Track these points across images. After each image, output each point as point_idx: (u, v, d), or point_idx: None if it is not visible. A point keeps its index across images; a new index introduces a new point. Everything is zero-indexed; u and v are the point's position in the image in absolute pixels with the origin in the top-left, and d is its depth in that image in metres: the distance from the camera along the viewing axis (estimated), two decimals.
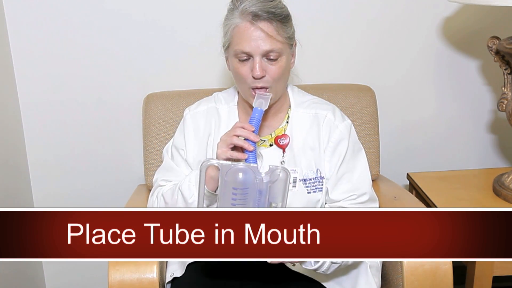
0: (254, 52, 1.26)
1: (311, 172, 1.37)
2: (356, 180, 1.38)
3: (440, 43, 1.92)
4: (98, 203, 1.97)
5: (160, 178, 1.43)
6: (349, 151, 1.38)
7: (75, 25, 1.79)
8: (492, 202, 1.69)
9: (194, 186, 1.29)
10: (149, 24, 1.81)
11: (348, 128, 1.40)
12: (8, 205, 1.78)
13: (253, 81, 1.28)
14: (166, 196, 1.36)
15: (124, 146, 1.93)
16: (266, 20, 1.25)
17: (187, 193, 1.29)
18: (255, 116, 1.23)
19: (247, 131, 1.20)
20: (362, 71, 1.91)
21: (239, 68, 1.29)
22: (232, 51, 1.30)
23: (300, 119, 1.40)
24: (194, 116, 1.44)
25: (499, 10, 1.87)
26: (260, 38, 1.25)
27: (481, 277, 1.54)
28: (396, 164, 2.00)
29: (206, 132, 1.41)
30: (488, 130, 2.04)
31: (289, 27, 1.30)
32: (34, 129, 1.88)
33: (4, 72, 1.77)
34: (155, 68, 1.85)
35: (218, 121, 1.41)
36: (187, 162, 1.41)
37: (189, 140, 1.41)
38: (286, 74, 1.34)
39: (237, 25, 1.27)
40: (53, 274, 2.05)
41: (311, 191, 1.37)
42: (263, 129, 1.38)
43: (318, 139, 1.38)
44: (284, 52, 1.29)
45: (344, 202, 1.37)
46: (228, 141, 1.21)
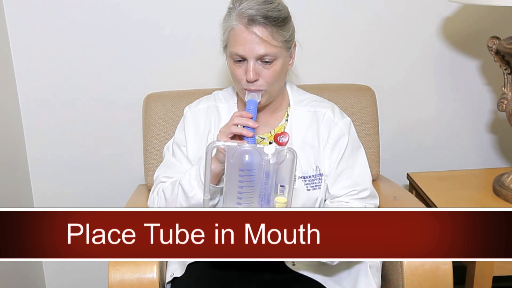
0: (248, 56, 1.27)
1: (311, 169, 1.37)
2: (356, 177, 1.39)
3: (440, 43, 1.92)
4: (98, 203, 1.97)
5: (162, 174, 1.43)
6: (348, 148, 1.39)
7: (75, 25, 1.79)
8: (492, 202, 1.69)
9: (195, 180, 1.29)
10: (149, 24, 1.81)
11: (348, 125, 1.40)
12: (8, 205, 1.78)
13: (247, 84, 1.29)
14: (166, 192, 1.37)
15: (124, 146, 1.93)
16: (261, 24, 1.25)
17: (188, 187, 1.30)
18: (250, 107, 1.26)
19: (245, 118, 1.22)
20: (362, 71, 1.91)
21: (234, 69, 1.31)
22: (228, 52, 1.31)
23: (300, 117, 1.40)
24: (194, 114, 1.45)
25: (499, 10, 1.87)
26: (254, 42, 1.25)
27: (481, 277, 1.54)
28: (396, 164, 2.00)
29: (206, 129, 1.42)
30: (488, 130, 2.03)
31: (286, 31, 1.30)
32: (34, 129, 1.88)
33: (4, 72, 1.77)
34: (155, 68, 1.85)
35: (218, 118, 1.42)
36: (188, 159, 1.41)
37: (189, 137, 1.42)
38: (282, 76, 1.34)
39: (233, 28, 1.28)
40: (53, 274, 2.05)
41: (311, 188, 1.37)
42: (262, 127, 1.39)
43: (317, 137, 1.38)
44: (280, 56, 1.29)
45: (345, 198, 1.38)
46: (227, 130, 1.22)
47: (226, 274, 1.35)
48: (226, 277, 1.35)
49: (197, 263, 1.39)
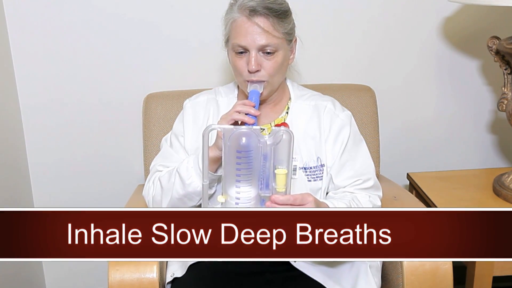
0: (250, 46, 1.28)
1: (312, 161, 1.38)
2: (359, 167, 1.39)
3: (440, 43, 1.92)
4: (98, 203, 1.97)
5: (158, 163, 1.43)
6: (350, 139, 1.40)
7: (75, 26, 1.79)
8: (492, 202, 1.69)
9: (193, 168, 1.29)
10: (149, 24, 1.81)
11: (349, 117, 1.42)
12: (8, 205, 1.78)
13: (249, 75, 1.30)
14: (162, 180, 1.37)
15: (124, 146, 1.93)
16: (262, 15, 1.27)
17: (185, 174, 1.30)
18: (253, 97, 1.26)
19: (247, 106, 1.22)
20: (362, 71, 1.91)
21: (236, 62, 1.32)
22: (230, 44, 1.33)
23: (300, 109, 1.42)
24: (193, 106, 1.46)
25: (499, 10, 1.87)
26: (256, 32, 1.27)
27: (481, 277, 1.54)
28: (396, 164, 2.00)
29: (204, 120, 1.43)
30: (488, 130, 2.03)
31: (287, 23, 1.32)
32: (34, 130, 1.88)
33: (4, 73, 1.77)
34: (155, 68, 1.85)
35: (217, 110, 1.43)
36: (185, 149, 1.42)
37: (187, 127, 1.43)
38: (283, 69, 1.35)
39: (235, 20, 1.30)
40: (53, 274, 2.05)
41: (312, 179, 1.38)
42: (262, 119, 1.40)
43: (319, 129, 1.39)
44: (281, 48, 1.31)
45: (350, 188, 1.38)
46: (229, 117, 1.22)
47: (227, 276, 1.35)
48: (226, 279, 1.35)
49: (198, 264, 1.39)
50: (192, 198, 1.34)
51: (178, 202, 1.35)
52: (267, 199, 1.13)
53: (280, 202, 1.12)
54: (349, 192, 1.38)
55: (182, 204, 1.35)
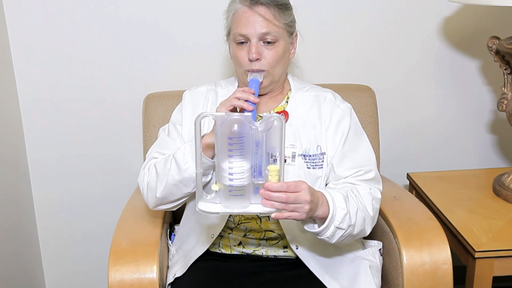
0: (250, 35, 1.30)
1: (312, 148, 1.38)
2: (361, 158, 1.39)
3: (440, 43, 1.92)
4: (97, 203, 1.97)
5: (154, 151, 1.43)
6: (351, 130, 1.40)
7: (75, 25, 1.79)
8: (492, 202, 1.69)
9: (189, 154, 1.28)
10: (149, 24, 1.81)
11: (349, 109, 1.43)
12: (8, 205, 1.78)
13: (249, 64, 1.31)
14: (158, 166, 1.34)
15: (124, 146, 1.93)
16: (263, 5, 1.30)
17: (182, 159, 1.28)
18: (253, 85, 1.27)
19: (247, 93, 1.22)
20: (362, 71, 1.91)
21: (237, 52, 1.33)
22: (231, 35, 1.34)
23: (301, 99, 1.42)
24: (193, 96, 1.46)
25: (499, 10, 1.87)
26: (257, 21, 1.29)
27: (481, 277, 1.54)
28: (396, 164, 2.00)
29: (204, 109, 1.43)
30: (488, 130, 2.04)
31: (288, 15, 1.34)
32: (34, 129, 1.89)
33: (4, 72, 1.77)
34: (155, 68, 1.85)
35: (216, 100, 1.43)
36: (182, 138, 1.41)
37: (186, 116, 1.43)
38: (284, 61, 1.36)
39: (237, 10, 1.32)
40: (53, 274, 2.05)
41: (311, 167, 1.37)
42: (261, 108, 1.40)
43: (319, 118, 1.39)
44: (282, 38, 1.32)
45: (351, 179, 1.37)
46: (228, 103, 1.22)
47: (226, 274, 1.35)
48: (226, 278, 1.35)
49: (198, 264, 1.39)
50: (188, 184, 1.30)
51: (173, 188, 1.32)
52: (260, 186, 1.12)
53: (273, 189, 1.11)
54: (350, 183, 1.36)
55: (177, 190, 1.32)
